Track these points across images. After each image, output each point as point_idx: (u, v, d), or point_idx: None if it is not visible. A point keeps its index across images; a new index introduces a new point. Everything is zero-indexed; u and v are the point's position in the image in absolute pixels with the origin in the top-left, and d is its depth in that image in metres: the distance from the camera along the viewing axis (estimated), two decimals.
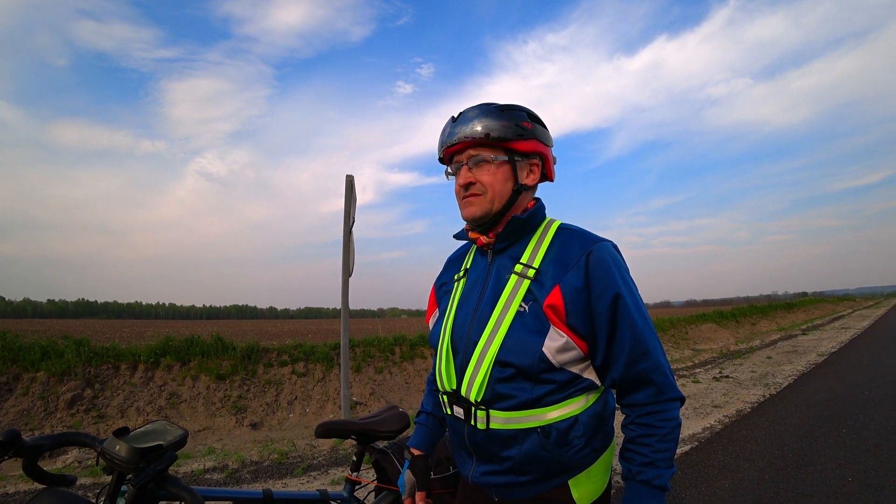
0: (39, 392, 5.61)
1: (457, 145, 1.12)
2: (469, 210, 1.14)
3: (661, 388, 1.04)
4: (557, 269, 1.06)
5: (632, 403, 1.07)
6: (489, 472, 1.12)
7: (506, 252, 1.16)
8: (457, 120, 1.14)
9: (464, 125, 1.11)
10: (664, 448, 1.02)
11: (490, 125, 1.09)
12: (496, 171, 1.12)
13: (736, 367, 9.81)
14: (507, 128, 1.10)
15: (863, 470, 3.77)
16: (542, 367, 1.03)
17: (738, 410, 6.05)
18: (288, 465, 4.51)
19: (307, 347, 7.76)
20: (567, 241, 1.10)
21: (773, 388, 7.39)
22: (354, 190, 5.15)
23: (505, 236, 1.15)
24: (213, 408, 6.21)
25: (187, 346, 6.93)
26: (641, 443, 1.03)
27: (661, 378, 1.04)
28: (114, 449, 1.09)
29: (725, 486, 3.59)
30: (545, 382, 1.04)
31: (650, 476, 1.01)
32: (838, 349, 12.15)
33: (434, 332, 1.26)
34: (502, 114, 1.11)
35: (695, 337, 15.72)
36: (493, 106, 1.13)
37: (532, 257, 1.11)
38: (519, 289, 1.09)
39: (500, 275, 1.14)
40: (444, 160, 1.21)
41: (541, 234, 1.15)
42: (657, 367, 1.04)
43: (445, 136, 1.15)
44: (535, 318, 1.05)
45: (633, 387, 1.06)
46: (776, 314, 25.01)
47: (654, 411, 1.04)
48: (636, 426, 1.05)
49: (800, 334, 17.01)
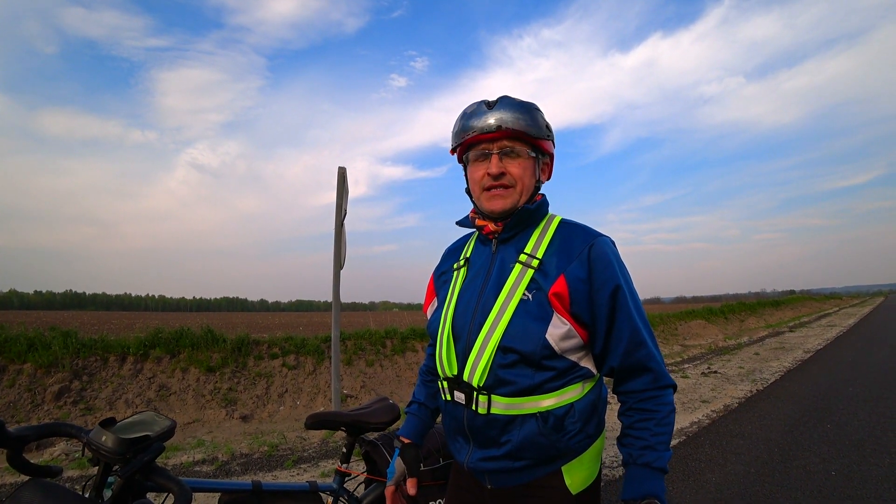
0: (26, 384, 5.55)
1: (493, 133, 1.12)
2: (497, 203, 1.15)
3: (656, 376, 1.10)
4: (561, 260, 1.10)
5: (629, 391, 1.12)
6: (486, 458, 1.14)
7: (510, 242, 1.19)
8: (493, 107, 1.13)
9: (503, 113, 1.11)
10: (662, 431, 1.07)
11: (526, 119, 1.12)
12: (526, 165, 1.15)
13: (724, 362, 9.93)
14: (540, 126, 1.14)
15: (846, 464, 3.84)
16: (545, 354, 1.07)
17: (726, 405, 6.13)
18: (278, 457, 4.51)
19: (298, 340, 7.74)
20: (569, 235, 1.15)
21: (760, 383, 7.48)
22: (347, 182, 5.12)
23: (512, 226, 1.17)
24: (202, 400, 6.18)
25: (177, 337, 6.88)
26: (640, 427, 1.08)
27: (655, 366, 1.10)
28: (100, 439, 1.08)
29: (712, 480, 3.64)
30: (546, 369, 1.08)
31: (650, 458, 1.05)
32: (824, 346, 12.32)
33: (433, 320, 1.28)
34: (535, 112, 1.15)
35: (684, 333, 15.88)
36: (527, 102, 1.15)
37: (536, 248, 1.15)
38: (523, 278, 1.11)
39: (505, 264, 1.17)
40: (461, 145, 1.18)
41: (543, 227, 1.19)
42: (651, 356, 1.10)
43: (479, 120, 1.13)
44: (539, 306, 1.08)
45: (629, 375, 1.11)
46: (764, 311, 25.32)
47: (650, 397, 1.09)
48: (634, 411, 1.11)
49: (787, 331, 17.23)
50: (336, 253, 5.05)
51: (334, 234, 5.05)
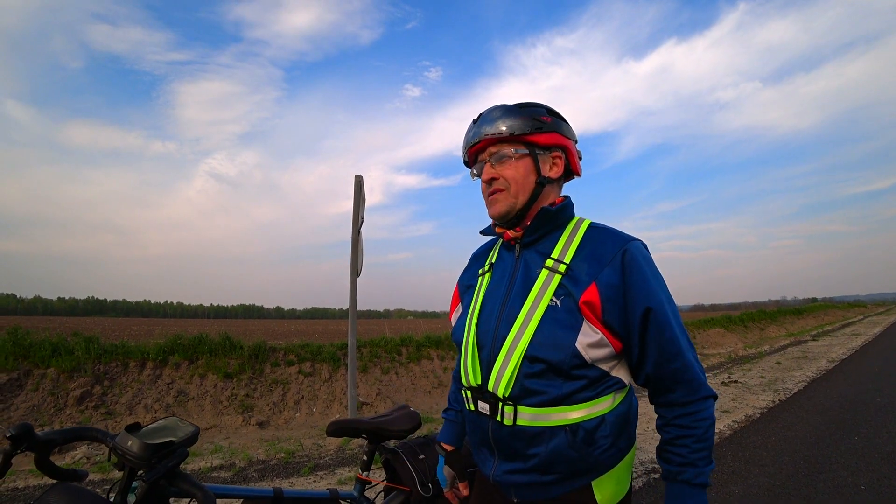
0: (49, 388, 5.66)
1: (479, 143, 1.16)
2: (495, 207, 1.16)
3: (693, 388, 1.05)
4: (592, 266, 1.06)
5: (666, 403, 1.09)
6: (512, 471, 1.10)
7: (534, 246, 1.16)
8: (477, 121, 1.18)
9: (484, 125, 1.16)
10: (701, 447, 1.04)
11: (508, 121, 1.13)
12: (517, 164, 1.14)
13: (745, 372, 9.71)
14: (525, 122, 1.13)
15: (876, 478, 3.71)
16: (575, 363, 1.03)
17: (748, 416, 5.98)
18: (295, 464, 4.52)
19: (314, 347, 7.77)
20: (600, 239, 1.11)
21: (782, 393, 7.30)
22: (363, 190, 5.16)
23: (533, 229, 1.15)
24: (220, 406, 6.24)
25: (195, 344, 6.97)
26: (679, 444, 1.05)
27: (692, 376, 1.05)
28: (126, 444, 1.09)
29: (735, 493, 3.54)
30: (576, 378, 1.04)
31: (690, 475, 1.03)
32: (849, 355, 11.98)
33: (458, 327, 1.26)
34: (520, 110, 1.15)
35: (703, 341, 15.60)
36: (511, 104, 1.16)
37: (563, 253, 1.11)
38: (550, 283, 1.08)
39: (530, 269, 1.14)
40: (468, 163, 1.24)
41: (571, 231, 1.15)
42: (688, 366, 1.05)
43: (469, 137, 1.19)
44: (568, 312, 1.04)
45: (666, 386, 1.07)
46: (785, 320, 24.76)
47: (688, 412, 1.05)
48: (672, 427, 1.07)
49: (809, 340, 16.81)
50: (353, 260, 5.08)
51: (351, 241, 5.08)
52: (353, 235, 5.08)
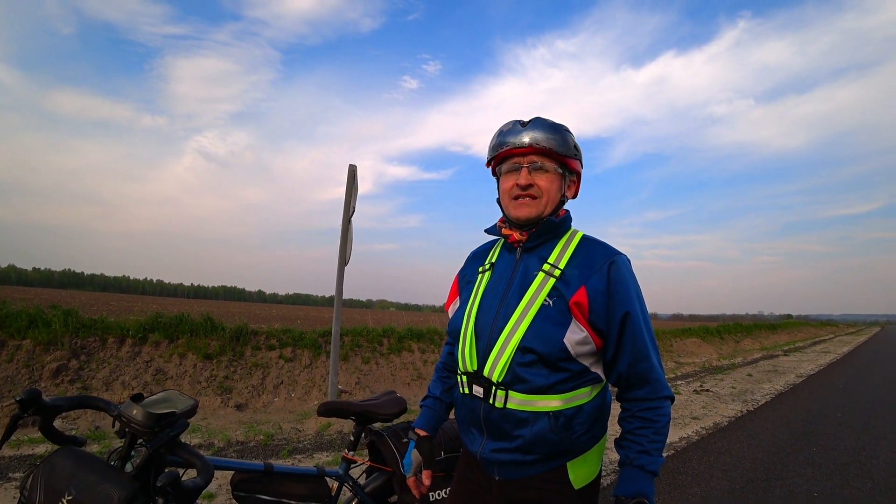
0: (24, 360, 5.60)
1: (525, 148, 1.25)
2: (524, 210, 1.27)
3: (657, 387, 1.22)
4: (583, 272, 1.21)
5: (633, 398, 1.24)
6: (498, 450, 1.24)
7: (534, 251, 1.30)
8: (526, 126, 1.27)
9: (534, 132, 1.25)
10: (658, 440, 1.19)
11: (556, 139, 1.25)
12: (552, 178, 1.27)
13: (717, 381, 10.00)
14: (567, 145, 1.26)
15: (829, 487, 3.91)
16: (561, 356, 1.18)
17: (716, 423, 6.19)
18: (273, 446, 4.57)
19: (296, 333, 7.79)
20: (591, 250, 1.26)
21: (751, 404, 7.55)
22: (356, 180, 5.19)
23: (537, 235, 1.28)
24: (198, 386, 6.24)
25: (176, 323, 6.93)
26: (639, 433, 1.20)
27: (657, 377, 1.22)
28: (131, 412, 1.15)
29: (697, 494, 3.70)
30: (561, 370, 1.19)
31: (645, 462, 1.17)
32: (817, 371, 12.38)
33: (455, 318, 1.38)
34: (565, 133, 1.28)
35: (679, 350, 15.94)
36: (557, 123, 1.28)
37: (559, 259, 1.26)
38: (545, 285, 1.23)
39: (528, 271, 1.27)
40: (495, 158, 1.32)
41: (566, 240, 1.30)
42: (655, 368, 1.22)
43: (513, 136, 1.26)
44: (559, 312, 1.19)
45: (633, 384, 1.23)
46: (760, 334, 25.37)
47: (651, 408, 1.21)
48: (635, 419, 1.22)
49: (781, 355, 17.28)
50: (342, 249, 5.11)
51: (341, 230, 5.12)
52: (343, 224, 5.11)
